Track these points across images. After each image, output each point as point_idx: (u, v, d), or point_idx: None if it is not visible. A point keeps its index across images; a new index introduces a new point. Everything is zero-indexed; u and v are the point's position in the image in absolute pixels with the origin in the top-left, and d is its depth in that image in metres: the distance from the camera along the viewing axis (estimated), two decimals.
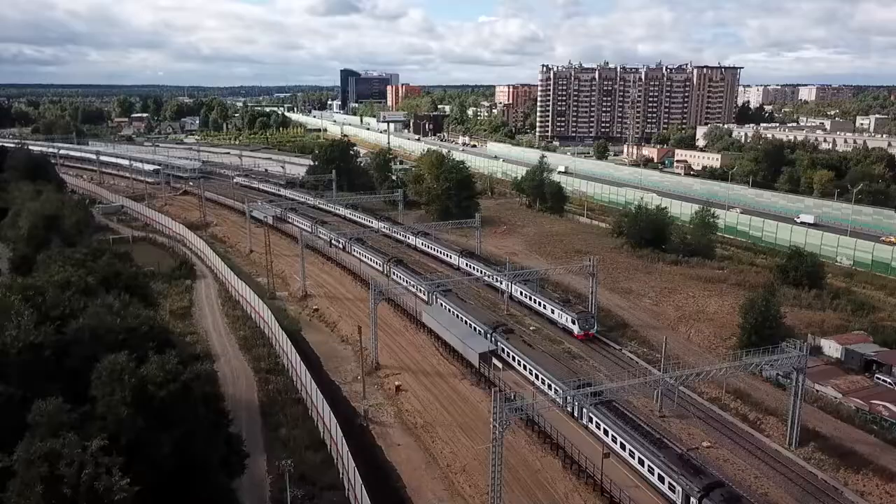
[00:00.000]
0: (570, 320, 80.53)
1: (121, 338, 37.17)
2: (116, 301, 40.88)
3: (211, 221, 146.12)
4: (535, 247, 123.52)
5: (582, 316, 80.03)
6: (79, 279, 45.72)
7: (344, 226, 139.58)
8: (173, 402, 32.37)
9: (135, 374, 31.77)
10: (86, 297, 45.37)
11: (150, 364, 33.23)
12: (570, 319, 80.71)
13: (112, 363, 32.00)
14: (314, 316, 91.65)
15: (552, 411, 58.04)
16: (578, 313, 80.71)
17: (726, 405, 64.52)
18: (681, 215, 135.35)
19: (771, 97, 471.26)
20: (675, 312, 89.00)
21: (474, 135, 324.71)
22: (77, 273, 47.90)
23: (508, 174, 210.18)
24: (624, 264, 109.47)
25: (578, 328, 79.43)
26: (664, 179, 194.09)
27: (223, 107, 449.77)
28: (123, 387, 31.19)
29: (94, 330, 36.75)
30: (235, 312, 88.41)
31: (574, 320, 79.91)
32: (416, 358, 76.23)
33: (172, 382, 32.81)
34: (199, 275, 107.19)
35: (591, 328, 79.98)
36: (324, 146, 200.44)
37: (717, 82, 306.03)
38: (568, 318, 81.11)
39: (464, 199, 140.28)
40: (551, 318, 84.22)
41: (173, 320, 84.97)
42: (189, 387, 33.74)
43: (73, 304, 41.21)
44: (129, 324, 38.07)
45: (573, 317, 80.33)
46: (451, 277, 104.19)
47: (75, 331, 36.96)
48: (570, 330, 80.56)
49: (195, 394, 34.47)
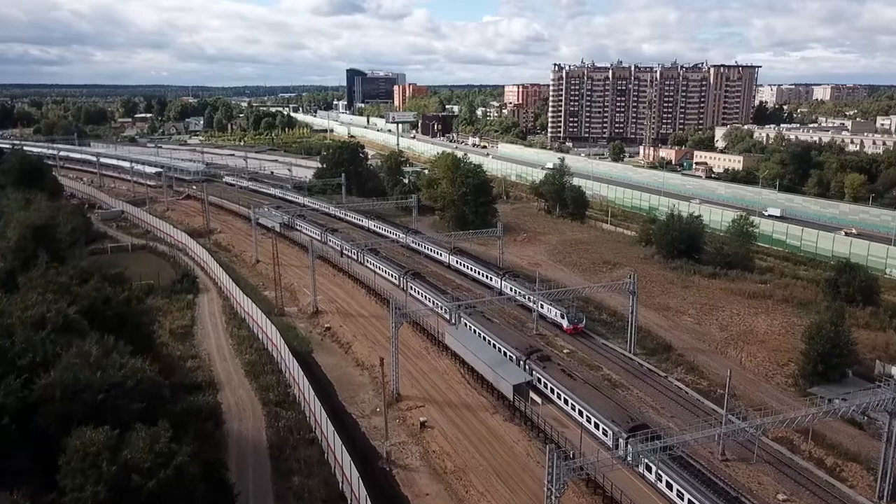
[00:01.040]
0: (560, 315, 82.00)
1: (100, 397, 29.89)
2: (96, 348, 33.49)
3: (215, 228, 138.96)
4: (559, 256, 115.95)
5: (571, 310, 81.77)
6: (56, 315, 38.39)
7: (354, 233, 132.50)
8: (164, 491, 25.04)
9: (114, 460, 24.54)
10: (65, 337, 38.15)
11: (134, 443, 25.95)
12: (559, 314, 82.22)
13: (85, 443, 24.78)
14: (326, 335, 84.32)
15: None
16: (567, 307, 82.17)
17: (796, 446, 56.95)
18: (709, 222, 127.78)
19: (785, 97, 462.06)
20: (720, 333, 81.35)
21: (484, 135, 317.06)
22: (56, 306, 40.57)
23: (523, 177, 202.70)
24: (657, 277, 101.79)
25: (568, 322, 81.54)
26: (686, 183, 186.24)
27: (228, 107, 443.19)
28: (99, 477, 24.00)
29: (67, 388, 29.53)
30: (241, 332, 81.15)
31: (563, 315, 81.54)
32: (441, 387, 68.79)
33: (164, 468, 25.46)
34: (201, 288, 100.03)
35: (579, 322, 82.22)
36: (332, 148, 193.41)
37: (735, 81, 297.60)
38: (557, 312, 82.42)
39: (481, 204, 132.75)
40: (540, 313, 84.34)
41: (173, 341, 78.05)
42: (184, 471, 26.29)
43: (47, 350, 33.97)
44: (110, 378, 30.81)
45: (562, 311, 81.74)
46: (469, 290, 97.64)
47: (43, 387, 29.72)
48: (559, 324, 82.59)
49: (193, 474, 27.06)
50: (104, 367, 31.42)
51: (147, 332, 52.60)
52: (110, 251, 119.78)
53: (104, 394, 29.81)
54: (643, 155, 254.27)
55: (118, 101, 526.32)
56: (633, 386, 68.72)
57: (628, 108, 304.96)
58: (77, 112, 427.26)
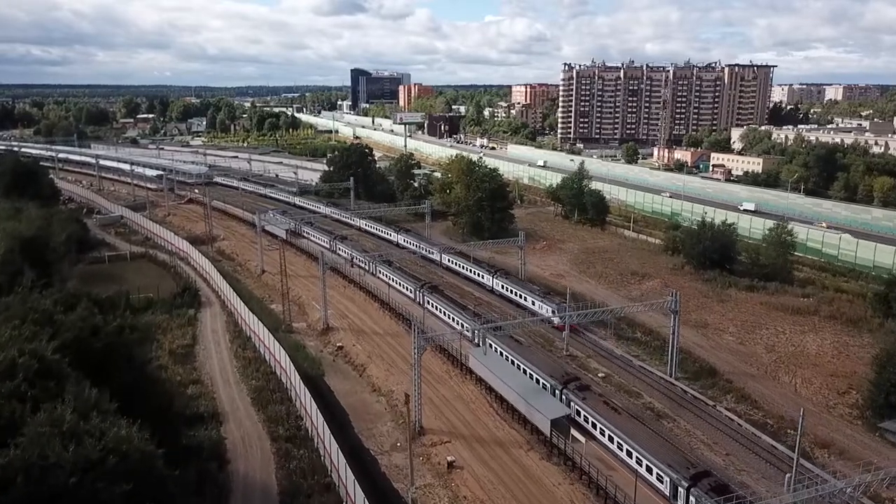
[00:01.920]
0: (551, 311, 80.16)
1: (73, 480, 23.51)
2: (70, 411, 27.01)
3: (218, 235, 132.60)
4: (582, 266, 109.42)
5: (562, 307, 79.12)
6: (28, 361, 31.98)
7: (364, 240, 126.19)
8: None
9: None
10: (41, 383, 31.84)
11: None
12: (550, 311, 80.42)
13: None
14: (338, 355, 77.87)
15: None
16: (559, 305, 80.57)
17: (877, 496, 50.32)
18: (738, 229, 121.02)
19: (796, 97, 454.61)
20: (767, 354, 74.79)
21: (493, 136, 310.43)
22: (31, 346, 34.22)
23: (536, 179, 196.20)
24: (690, 290, 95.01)
25: (559, 319, 78.37)
26: (706, 186, 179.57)
27: (231, 107, 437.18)
28: None
29: (32, 469, 23.22)
30: (246, 353, 74.70)
31: (554, 311, 79.35)
32: (467, 418, 62.30)
33: None
34: (204, 302, 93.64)
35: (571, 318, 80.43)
36: (339, 150, 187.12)
37: (749, 81, 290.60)
38: (548, 309, 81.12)
39: (497, 210, 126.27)
40: (531, 310, 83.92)
41: (173, 363, 71.74)
42: None
43: (14, 410, 27.60)
44: (87, 453, 24.47)
45: (553, 308, 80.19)
46: (491, 304, 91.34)
47: (2, 468, 23.36)
48: (550, 321, 79.40)
49: None
50: (80, 436, 25.09)
51: (141, 365, 46.17)
52: (108, 260, 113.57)
53: (79, 475, 23.48)
54: (657, 157, 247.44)
55: (120, 102, 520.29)
56: (678, 416, 62.22)
57: (640, 109, 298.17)
58: (78, 112, 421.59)
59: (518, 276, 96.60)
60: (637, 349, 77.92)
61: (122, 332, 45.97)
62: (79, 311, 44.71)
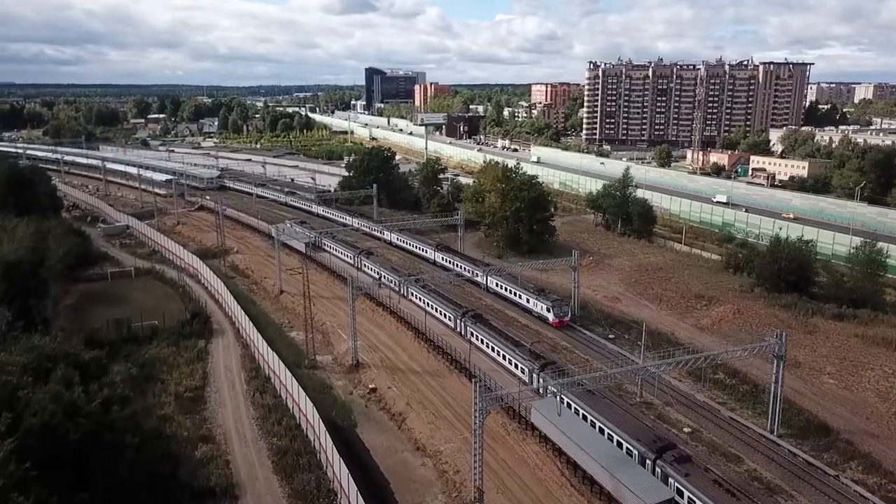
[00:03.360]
0: (545, 308, 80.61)
1: None
2: None
3: (231, 248, 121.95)
4: (638, 287, 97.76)
5: (556, 304, 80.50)
6: None
7: (391, 254, 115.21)
8: None
9: None
10: None
11: None
12: (544, 308, 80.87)
13: None
14: (371, 400, 66.76)
15: None
16: (553, 301, 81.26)
17: None
18: None
19: (825, 95, 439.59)
20: (882, 404, 63.02)
21: (515, 137, 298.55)
22: None
23: (567, 185, 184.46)
24: (767, 318, 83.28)
25: (553, 316, 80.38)
26: (752, 192, 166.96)
27: (243, 107, 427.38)
28: None
29: None
30: (266, 399, 63.65)
31: (549, 308, 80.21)
32: (536, 492, 50.89)
33: None
34: (216, 330, 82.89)
35: (565, 315, 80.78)
36: (359, 153, 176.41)
37: (785, 80, 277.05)
38: (543, 306, 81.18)
39: (537, 221, 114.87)
40: (525, 307, 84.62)
41: (180, 414, 60.85)
42: None
43: None
44: None
45: (548, 305, 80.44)
46: (542, 332, 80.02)
47: None
48: (545, 318, 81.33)
49: None
50: None
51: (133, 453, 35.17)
52: (110, 277, 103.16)
53: None
54: (691, 159, 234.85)
55: (131, 102, 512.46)
56: (796, 491, 50.55)
57: (669, 109, 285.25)
58: (88, 113, 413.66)
59: (570, 301, 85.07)
60: (721, 394, 66.42)
61: (108, 409, 35.02)
62: (52, 384, 33.78)
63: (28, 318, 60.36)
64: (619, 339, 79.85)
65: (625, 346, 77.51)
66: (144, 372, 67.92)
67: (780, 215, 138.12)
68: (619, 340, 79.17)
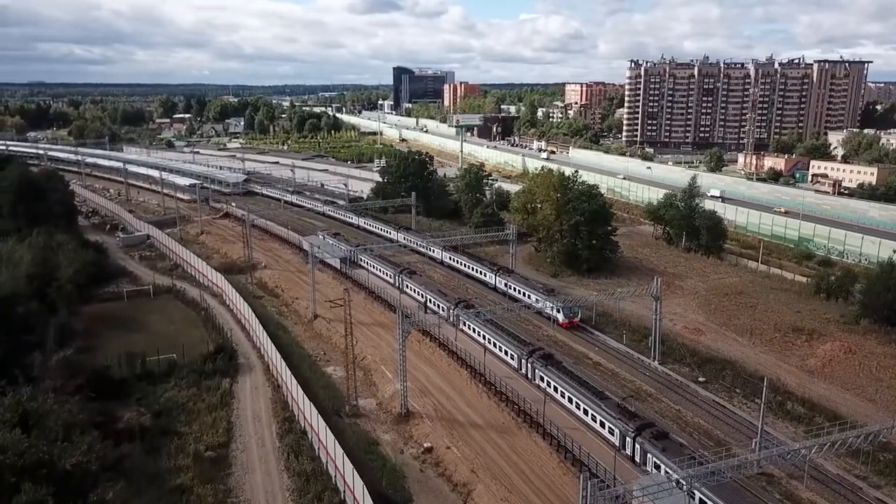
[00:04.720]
0: (555, 309, 79.23)
1: None
2: None
3: (258, 262, 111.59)
4: (720, 316, 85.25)
5: (566, 304, 78.21)
6: None
7: (435, 272, 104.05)
8: None
9: None
10: None
11: None
12: (554, 308, 79.27)
13: None
14: (427, 462, 55.53)
15: None
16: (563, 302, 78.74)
17: None
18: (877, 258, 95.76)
19: (873, 95, 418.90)
20: None
21: (552, 139, 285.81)
22: None
23: (616, 191, 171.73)
24: (887, 361, 70.54)
25: (563, 316, 79.74)
26: (821, 201, 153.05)
27: (269, 107, 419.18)
28: None
29: None
30: (302, 464, 52.58)
31: (559, 309, 78.75)
32: None
33: None
34: (242, 364, 72.31)
35: (574, 316, 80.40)
36: (392, 155, 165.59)
37: (841, 79, 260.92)
38: (552, 306, 79.20)
39: (598, 237, 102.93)
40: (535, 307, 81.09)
41: (199, 483, 50.00)
42: None
43: None
44: None
45: (557, 305, 78.52)
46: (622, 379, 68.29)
47: None
48: (555, 318, 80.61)
49: None
50: None
51: None
52: (126, 297, 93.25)
53: None
54: (743, 163, 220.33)
55: (157, 101, 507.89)
56: None
57: (716, 110, 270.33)
58: (114, 112, 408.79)
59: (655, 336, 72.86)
60: (855, 462, 53.99)
61: None
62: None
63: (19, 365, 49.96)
64: (712, 382, 67.82)
65: (720, 392, 65.60)
66: (160, 424, 57.43)
67: (854, 226, 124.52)
68: (713, 385, 67.15)
